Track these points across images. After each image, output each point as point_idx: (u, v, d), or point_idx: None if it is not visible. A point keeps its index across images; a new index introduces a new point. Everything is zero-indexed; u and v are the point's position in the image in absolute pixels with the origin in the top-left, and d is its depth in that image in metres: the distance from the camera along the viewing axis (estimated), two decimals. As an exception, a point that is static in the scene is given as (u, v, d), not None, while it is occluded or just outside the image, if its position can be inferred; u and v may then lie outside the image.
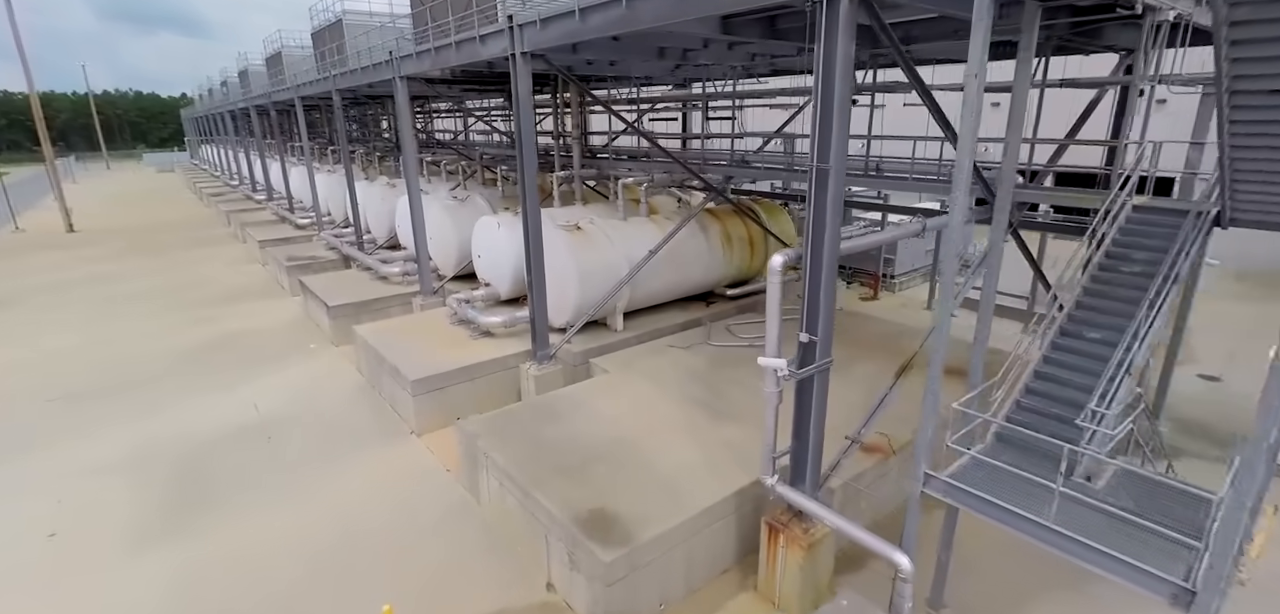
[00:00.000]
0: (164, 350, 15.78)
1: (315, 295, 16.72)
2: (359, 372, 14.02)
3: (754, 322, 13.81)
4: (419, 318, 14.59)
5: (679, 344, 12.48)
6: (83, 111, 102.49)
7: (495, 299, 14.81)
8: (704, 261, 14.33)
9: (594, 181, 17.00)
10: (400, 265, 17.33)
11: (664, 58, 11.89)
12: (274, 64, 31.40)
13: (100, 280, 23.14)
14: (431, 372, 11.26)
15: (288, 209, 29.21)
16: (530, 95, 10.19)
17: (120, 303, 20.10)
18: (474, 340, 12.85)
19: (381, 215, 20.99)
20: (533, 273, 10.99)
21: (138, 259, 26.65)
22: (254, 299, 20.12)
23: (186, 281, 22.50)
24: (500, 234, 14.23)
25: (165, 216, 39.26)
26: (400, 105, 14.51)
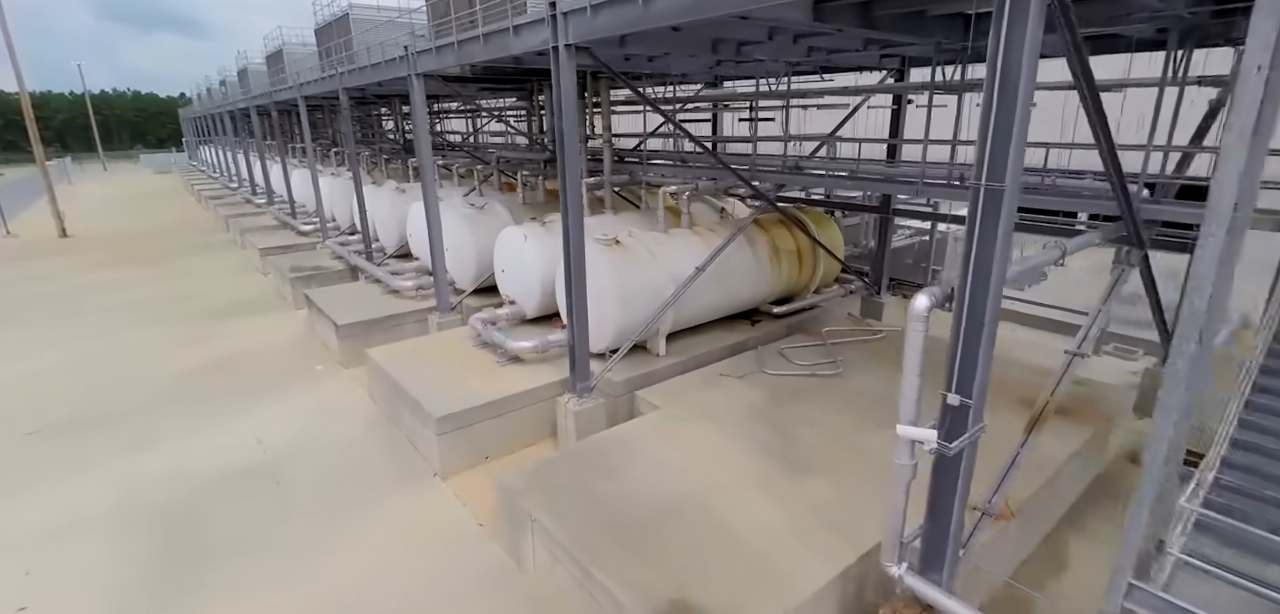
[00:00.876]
0: (158, 372, 14.45)
1: (322, 311, 15.40)
2: (372, 399, 12.69)
3: (806, 345, 12.49)
4: (437, 340, 13.26)
5: (731, 373, 11.16)
6: (80, 111, 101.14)
7: (520, 318, 13.49)
8: (751, 277, 13.01)
9: (619, 189, 15.69)
10: (413, 278, 16.01)
11: (716, 51, 10.58)
12: (275, 62, 30.12)
13: (92, 290, 21.81)
14: (458, 407, 9.93)
15: (289, 214, 27.90)
16: (574, 92, 8.88)
17: (112, 316, 18.76)
18: (501, 367, 11.53)
19: (391, 222, 19.68)
20: (573, 294, 9.67)
21: (132, 267, 25.31)
22: (255, 313, 18.79)
23: (183, 292, 21.16)
24: (528, 248, 12.91)
25: (162, 221, 37.93)
26: (416, 105, 13.19)
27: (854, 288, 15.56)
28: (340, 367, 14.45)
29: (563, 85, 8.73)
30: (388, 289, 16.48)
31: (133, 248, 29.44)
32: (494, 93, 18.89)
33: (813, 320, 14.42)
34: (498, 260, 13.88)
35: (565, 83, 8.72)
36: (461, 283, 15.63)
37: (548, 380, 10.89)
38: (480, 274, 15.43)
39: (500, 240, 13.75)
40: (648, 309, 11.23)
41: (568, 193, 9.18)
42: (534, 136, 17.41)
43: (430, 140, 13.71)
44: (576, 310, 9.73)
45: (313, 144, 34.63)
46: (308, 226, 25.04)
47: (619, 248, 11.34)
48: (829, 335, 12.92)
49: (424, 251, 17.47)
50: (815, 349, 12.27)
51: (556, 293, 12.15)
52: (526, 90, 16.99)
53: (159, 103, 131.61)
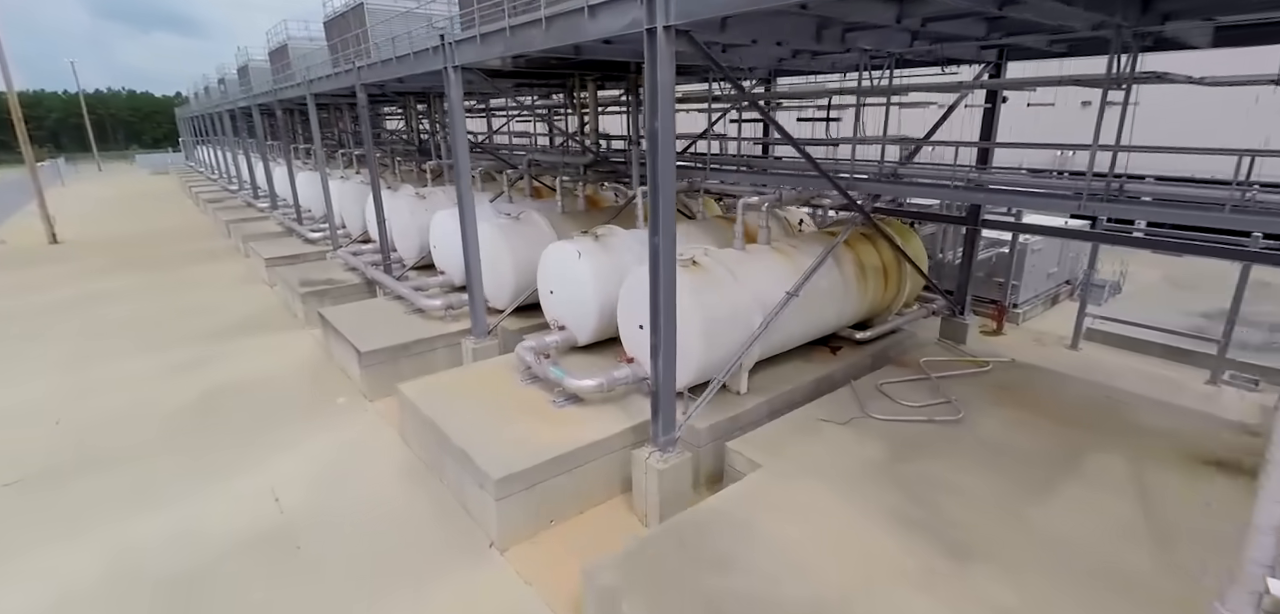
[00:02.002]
0: (156, 406, 12.74)
1: (340, 334, 13.70)
2: (404, 442, 11.01)
3: (906, 379, 10.85)
4: (477, 372, 11.57)
5: (832, 418, 9.50)
6: (74, 111, 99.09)
7: (570, 345, 11.85)
8: (837, 299, 11.37)
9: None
10: (442, 297, 14.31)
11: (819, 38, 8.94)
12: (279, 58, 28.41)
13: (82, 305, 20.06)
14: (520, 464, 8.26)
15: (295, 219, 26.16)
16: (671, 83, 7.23)
17: (104, 337, 17.03)
18: (558, 409, 9.87)
19: (410, 231, 18.00)
20: (662, 327, 8.00)
21: (127, 277, 23.55)
22: (263, 331, 17.08)
23: (182, 307, 19.43)
24: (582, 266, 11.26)
25: (158, 225, 36.14)
26: (453, 102, 11.51)
27: (935, 307, 13.94)
28: (364, 399, 12.76)
29: (660, 77, 7.07)
30: (412, 308, 14.79)
31: (127, 255, 27.68)
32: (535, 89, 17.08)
33: (897, 347, 12.80)
34: (544, 279, 12.21)
35: (662, 74, 7.07)
36: (496, 302, 13.95)
37: (619, 428, 9.22)
38: (519, 293, 13.76)
39: (547, 257, 12.09)
40: (733, 341, 9.59)
41: (660, 206, 7.52)
42: (574, 136, 15.71)
43: (467, 142, 12.03)
44: (664, 347, 8.07)
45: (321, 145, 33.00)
46: (316, 234, 23.33)
47: (698, 269, 9.69)
48: (928, 366, 11.28)
49: (451, 265, 15.82)
50: (918, 385, 10.63)
51: (621, 319, 10.50)
52: (568, 85, 15.31)
53: (155, 102, 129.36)
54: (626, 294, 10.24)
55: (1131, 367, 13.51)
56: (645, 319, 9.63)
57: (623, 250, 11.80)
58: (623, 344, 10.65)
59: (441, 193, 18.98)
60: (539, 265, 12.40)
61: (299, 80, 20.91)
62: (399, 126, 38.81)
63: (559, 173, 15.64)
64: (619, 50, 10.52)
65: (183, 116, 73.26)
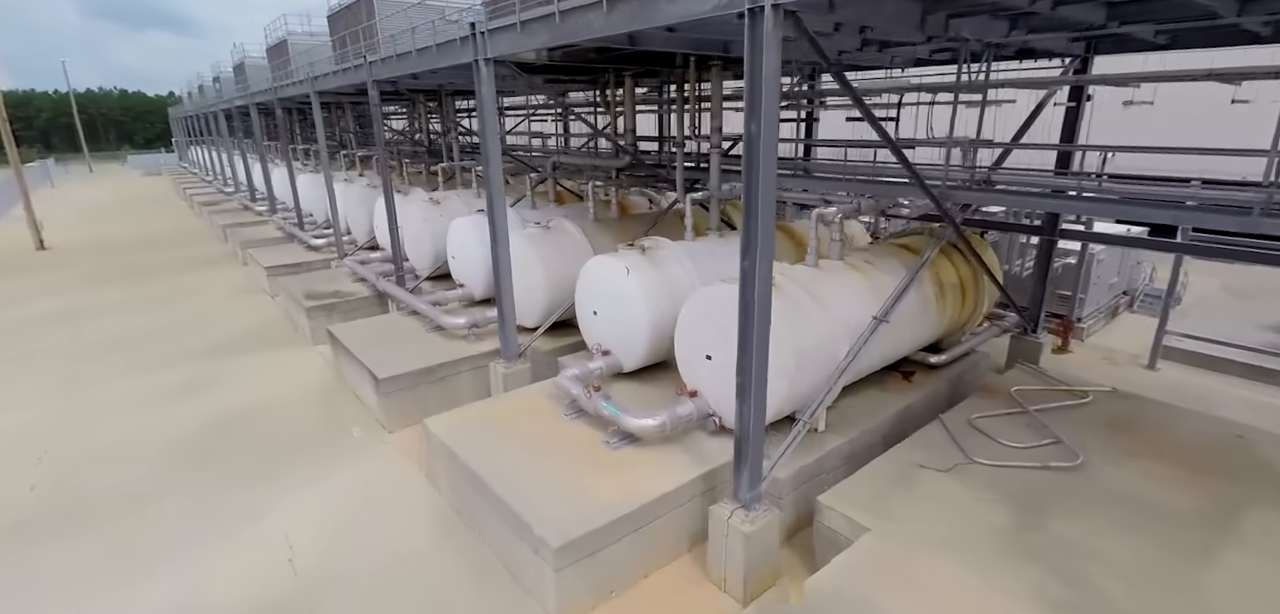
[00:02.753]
0: (149, 439, 11.41)
1: (354, 357, 12.39)
2: (432, 484, 9.73)
3: (1000, 413, 9.61)
4: (513, 404, 10.27)
5: (931, 464, 8.25)
6: (64, 111, 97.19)
7: (616, 371, 10.58)
8: (914, 320, 10.13)
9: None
10: (466, 315, 12.99)
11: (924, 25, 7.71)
12: (278, 54, 27.01)
13: (70, 318, 18.67)
14: (582, 529, 6.98)
15: (296, 224, 24.79)
16: (777, 75, 5.97)
17: (93, 355, 15.66)
18: (613, 452, 8.60)
19: (424, 239, 16.69)
20: (753, 365, 6.74)
21: (117, 287, 22.15)
22: (265, 348, 15.74)
23: (177, 321, 18.07)
24: (631, 285, 10.00)
25: (152, 229, 34.67)
26: (484, 98, 10.22)
27: (1006, 325, 12.73)
28: (382, 430, 11.46)
29: (764, 67, 5.80)
30: (431, 326, 13.48)
31: (119, 262, 26.25)
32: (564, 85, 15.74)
33: (971, 371, 11.58)
34: (586, 297, 10.94)
35: (767, 63, 5.80)
36: (525, 320, 12.66)
37: (688, 476, 7.95)
38: (551, 311, 12.48)
39: (590, 273, 10.82)
40: (819, 374, 8.34)
41: (757, 223, 6.25)
42: (607, 136, 14.42)
43: (499, 144, 10.73)
44: (755, 388, 6.80)
45: (306, 146, 31.57)
46: (319, 240, 21.97)
47: (778, 291, 8.41)
48: (1021, 397, 10.04)
49: (471, 277, 14.54)
50: (1014, 420, 9.39)
51: (681, 346, 9.23)
52: (600, 82, 14.01)
53: (147, 101, 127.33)
54: (690, 318, 8.97)
55: (1228, 391, 12.34)
56: (714, 349, 8.41)
57: (672, 265, 10.55)
58: (680, 373, 9.37)
59: (456, 197, 17.68)
60: (579, 281, 11.12)
61: (301, 77, 19.58)
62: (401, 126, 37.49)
63: (589, 176, 14.36)
64: (678, 40, 9.26)
65: (176, 116, 71.62)
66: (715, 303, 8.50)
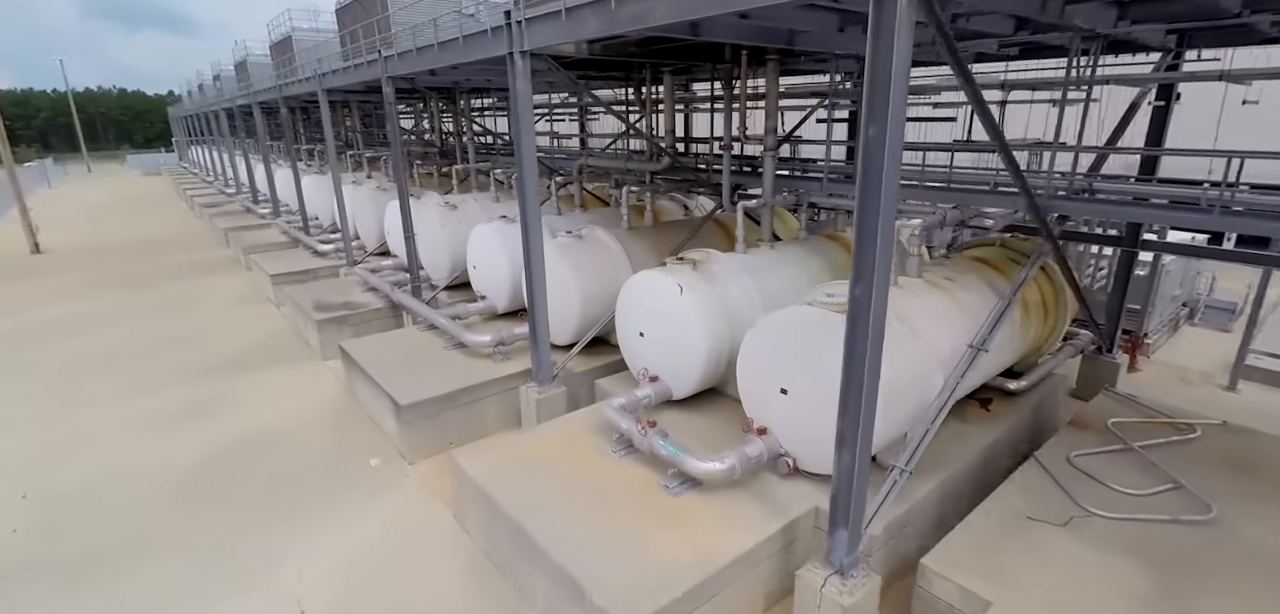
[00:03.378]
0: (149, 474, 10.36)
1: (370, 378, 11.35)
2: (461, 526, 8.68)
3: (1102, 450, 8.56)
4: (551, 437, 9.21)
5: (1042, 515, 7.20)
6: (62, 110, 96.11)
7: (665, 398, 9.54)
8: (1001, 344, 9.05)
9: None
10: (490, 330, 11.93)
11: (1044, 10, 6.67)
12: (282, 51, 26.05)
13: (65, 330, 17.61)
14: (655, 605, 5.93)
15: (301, 228, 23.75)
16: (907, 69, 4.93)
17: (89, 372, 14.61)
18: (674, 497, 7.56)
19: (440, 246, 15.67)
20: (861, 411, 5.70)
21: (115, 295, 21.08)
22: (272, 364, 14.69)
23: (179, 333, 17.01)
24: (686, 306, 8.96)
25: (151, 232, 33.60)
26: (519, 95, 9.17)
27: (1079, 345, 11.69)
28: (402, 460, 10.41)
29: (895, 60, 4.75)
30: (453, 343, 12.42)
31: (118, 267, 25.19)
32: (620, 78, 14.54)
33: (1051, 397, 10.55)
34: (630, 316, 9.90)
35: (898, 54, 4.75)
36: (557, 337, 11.60)
37: (767, 531, 6.92)
38: (585, 328, 11.45)
39: (636, 290, 9.77)
40: (908, 411, 7.31)
41: (875, 240, 5.22)
42: (649, 137, 13.38)
43: (534, 146, 9.67)
44: (861, 437, 5.76)
45: (309, 146, 30.50)
46: (326, 245, 20.91)
47: (860, 316, 7.36)
48: (1120, 431, 8.99)
49: (494, 289, 13.52)
50: (1120, 459, 8.35)
51: (746, 376, 8.18)
52: (637, 78, 12.96)
53: (146, 101, 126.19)
54: (759, 345, 7.92)
55: None
56: (792, 381, 7.38)
57: (728, 281, 9.51)
58: (743, 406, 8.33)
59: (474, 202, 16.65)
60: (621, 299, 10.08)
61: (308, 74, 18.53)
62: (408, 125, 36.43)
63: (619, 180, 13.31)
64: (745, 30, 8.21)
65: (176, 115, 70.55)
66: (792, 328, 7.47)
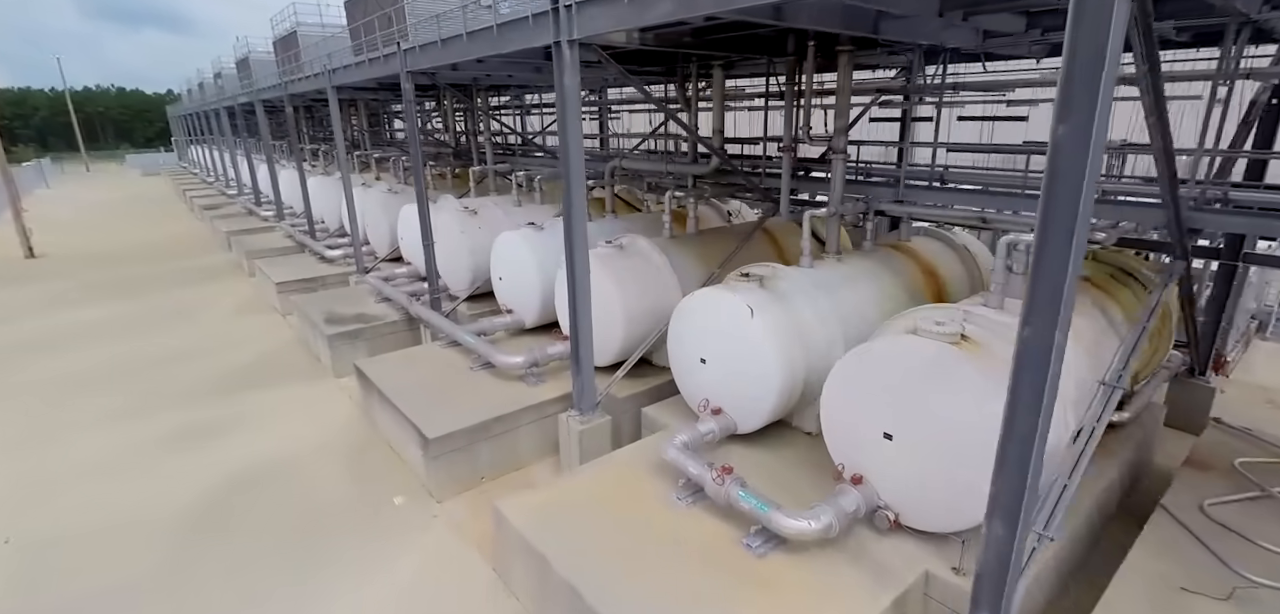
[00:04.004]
0: (146, 513, 9.27)
1: (391, 403, 10.27)
2: (499, 577, 7.59)
3: (1237, 498, 7.48)
4: (606, 480, 8.10)
5: (1193, 585, 6.12)
6: (61, 109, 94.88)
7: (730, 433, 8.45)
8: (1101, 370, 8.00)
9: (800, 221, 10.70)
10: (523, 351, 10.83)
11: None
12: (286, 46, 24.89)
13: (57, 342, 16.52)
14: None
15: (307, 232, 22.66)
16: (1118, 56, 3.83)
17: (81, 391, 13.51)
18: (757, 557, 6.48)
19: (459, 254, 14.59)
20: (1030, 472, 4.62)
21: (111, 302, 19.98)
22: (280, 381, 13.60)
23: (178, 347, 15.91)
24: (758, 331, 7.88)
25: (150, 235, 32.49)
26: (567, 90, 8.09)
27: (1171, 368, 10.61)
28: (430, 498, 9.33)
29: (1110, 41, 3.66)
30: (480, 362, 11.34)
31: (115, 273, 24.08)
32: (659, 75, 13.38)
33: (1152, 426, 9.48)
34: (687, 341, 8.81)
35: (1114, 33, 3.66)
36: (597, 358, 10.51)
37: (877, 607, 5.83)
38: (629, 348, 10.39)
39: (697, 311, 8.68)
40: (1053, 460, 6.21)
41: (1066, 268, 4.13)
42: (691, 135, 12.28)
43: (582, 148, 8.58)
44: (1027, 501, 4.67)
45: (314, 146, 29.42)
46: (335, 251, 19.81)
47: (974, 348, 6.29)
48: (1249, 471, 7.92)
49: (522, 302, 12.51)
50: (1264, 509, 7.27)
51: (834, 415, 7.10)
52: (682, 72, 11.86)
53: (146, 100, 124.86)
54: (852, 379, 6.84)
55: None
56: (898, 424, 6.30)
57: (797, 300, 8.43)
58: (829, 447, 7.25)
59: (494, 205, 15.58)
60: (676, 320, 8.99)
61: (317, 70, 17.45)
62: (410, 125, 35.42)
63: (664, 184, 12.23)
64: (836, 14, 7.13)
65: (175, 114, 69.42)
66: (897, 363, 6.39)
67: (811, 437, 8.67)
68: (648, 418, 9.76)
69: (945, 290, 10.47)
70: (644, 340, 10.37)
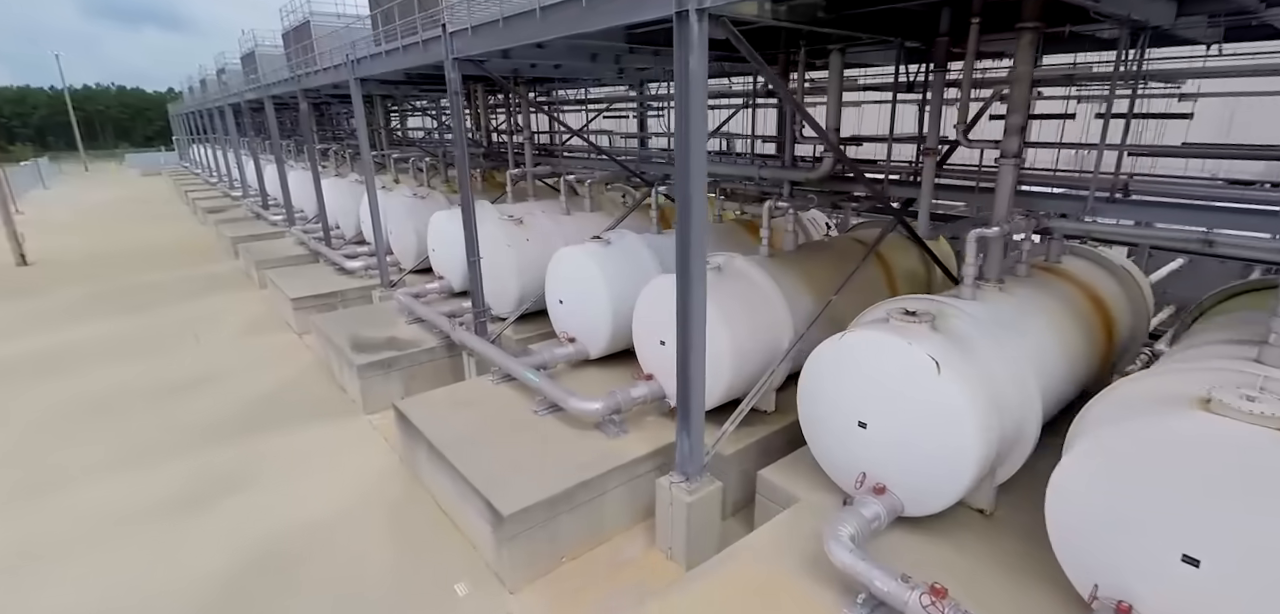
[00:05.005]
0: (144, 599, 7.43)
1: (444, 459, 8.41)
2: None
3: None
4: (743, 581, 6.23)
5: None
6: (60, 108, 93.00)
7: (897, 514, 6.60)
8: None
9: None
10: (604, 399, 8.91)
11: None
12: (298, 37, 23.02)
13: (46, 368, 14.67)
14: None
15: (322, 239, 20.79)
16: None
17: (70, 432, 11.68)
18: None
19: (505, 271, 12.75)
20: None
21: (108, 319, 18.14)
22: (301, 419, 11.75)
23: (182, 374, 14.06)
24: (952, 392, 6.02)
25: (150, 240, 30.62)
26: (695, 75, 6.22)
27: None
28: (500, 586, 7.48)
29: None
30: (545, 405, 9.48)
31: (111, 284, 22.22)
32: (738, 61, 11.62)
33: None
34: (834, 395, 6.95)
35: None
36: (693, 404, 8.64)
37: None
38: (732, 393, 8.57)
39: (846, 359, 6.82)
40: None
41: None
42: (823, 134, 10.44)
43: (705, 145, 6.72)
44: None
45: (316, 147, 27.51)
46: (355, 262, 17.94)
47: None
48: None
49: (584, 329, 10.76)
50: None
51: (1063, 510, 5.23)
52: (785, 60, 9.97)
53: (146, 98, 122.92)
54: (1096, 471, 4.97)
55: None
56: (1195, 544, 4.46)
57: (981, 346, 6.57)
58: (1060, 552, 5.39)
59: (542, 214, 13.75)
60: (814, 366, 7.13)
61: (336, 61, 15.60)
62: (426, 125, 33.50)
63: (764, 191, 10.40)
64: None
65: (176, 113, 67.57)
66: (1171, 448, 4.54)
67: (986, 516, 6.86)
68: (765, 484, 7.89)
69: (1113, 322, 8.70)
70: (752, 383, 8.55)
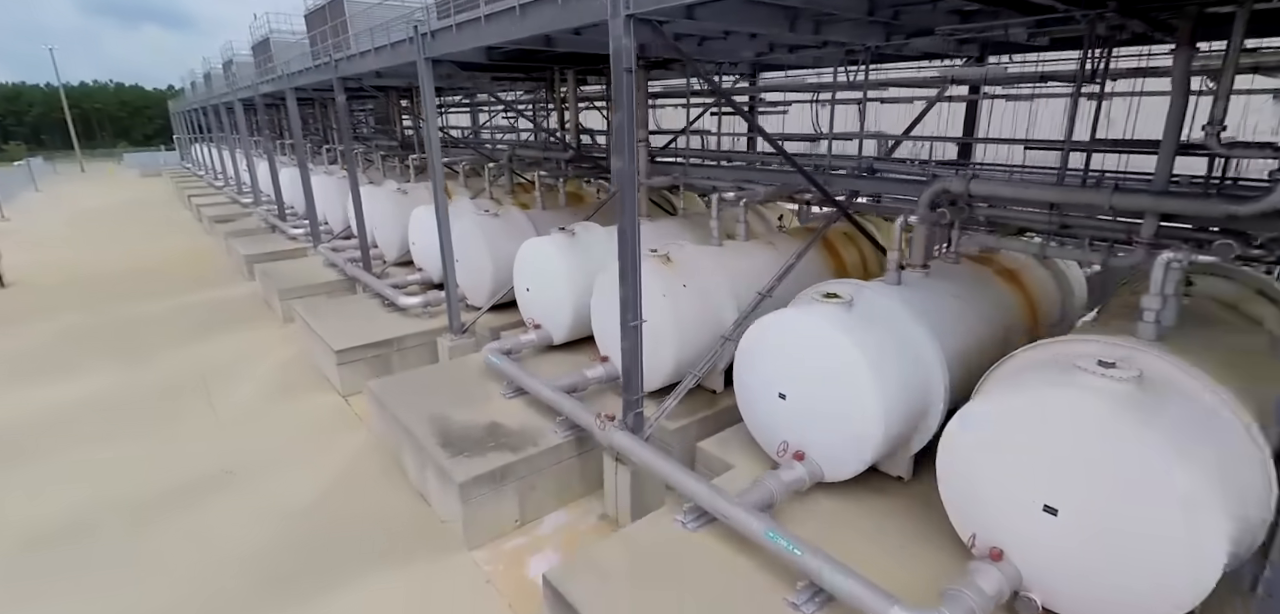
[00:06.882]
0: None
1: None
2: None
3: None
4: None
5: None
6: (56, 105, 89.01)
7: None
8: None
9: None
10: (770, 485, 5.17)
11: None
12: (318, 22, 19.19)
13: (14, 446, 10.99)
14: None
15: (359, 261, 17.03)
16: None
17: (31, 586, 8.01)
18: None
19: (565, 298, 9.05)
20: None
21: (93, 369, 14.39)
22: (372, 563, 8.01)
23: (188, 473, 10.24)
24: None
25: (150, 254, 26.86)
26: None
27: None
28: None
29: None
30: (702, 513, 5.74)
31: (102, 315, 18.48)
32: None
33: None
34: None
35: None
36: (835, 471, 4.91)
37: None
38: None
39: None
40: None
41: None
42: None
43: None
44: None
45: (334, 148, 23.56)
46: (411, 299, 14.12)
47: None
48: None
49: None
50: None
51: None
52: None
53: (145, 96, 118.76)
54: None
55: None
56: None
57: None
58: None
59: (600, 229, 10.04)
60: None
61: (397, 37, 11.86)
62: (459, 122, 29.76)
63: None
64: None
65: (177, 110, 63.75)
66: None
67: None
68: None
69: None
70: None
